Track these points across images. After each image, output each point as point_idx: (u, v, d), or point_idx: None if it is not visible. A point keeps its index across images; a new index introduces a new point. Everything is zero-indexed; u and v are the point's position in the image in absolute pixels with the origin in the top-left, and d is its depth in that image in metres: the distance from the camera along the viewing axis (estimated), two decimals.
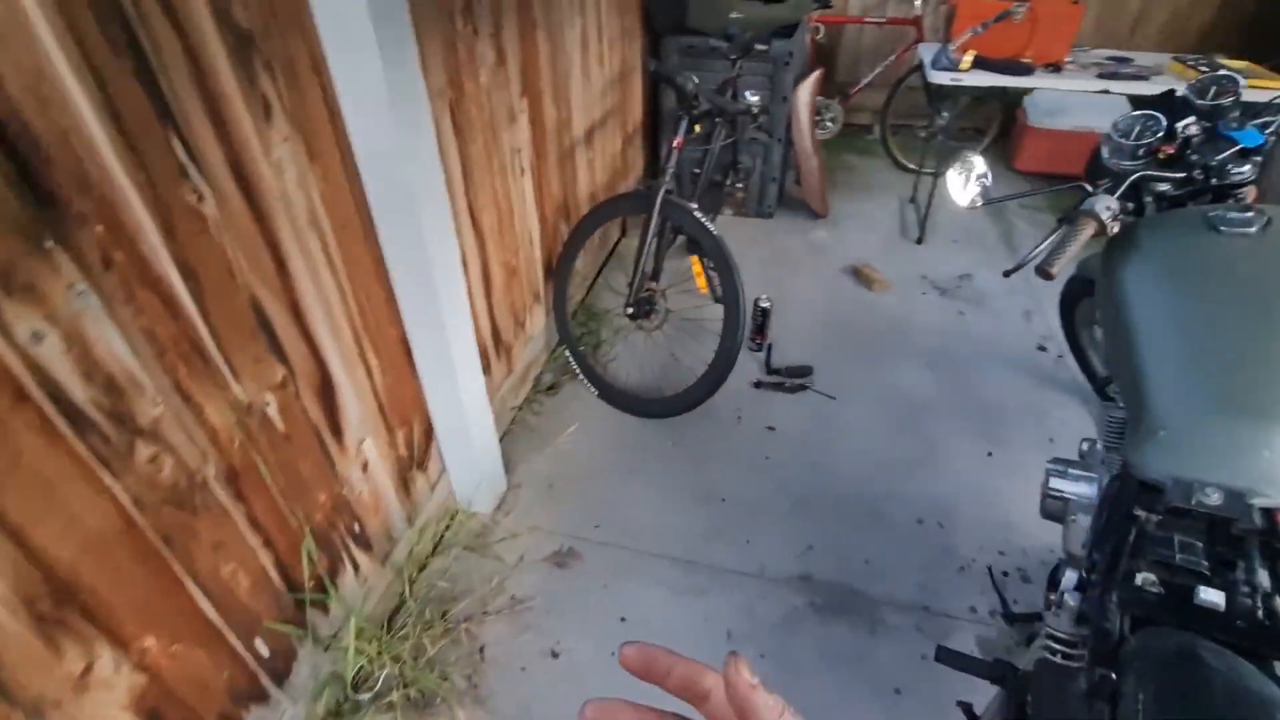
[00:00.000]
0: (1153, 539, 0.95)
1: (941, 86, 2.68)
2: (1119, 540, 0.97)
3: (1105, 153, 1.30)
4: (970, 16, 2.65)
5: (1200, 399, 0.97)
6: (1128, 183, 1.21)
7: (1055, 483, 1.36)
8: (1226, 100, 1.23)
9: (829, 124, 3.89)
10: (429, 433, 1.69)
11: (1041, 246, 1.35)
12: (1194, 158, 1.22)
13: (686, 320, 2.30)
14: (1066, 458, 1.42)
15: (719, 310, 1.96)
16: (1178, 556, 0.92)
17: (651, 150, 3.40)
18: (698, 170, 2.36)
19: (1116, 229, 1.14)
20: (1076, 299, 2.00)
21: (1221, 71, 1.26)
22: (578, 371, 2.28)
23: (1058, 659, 0.96)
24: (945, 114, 3.22)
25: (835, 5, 3.74)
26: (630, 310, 2.09)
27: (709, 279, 2.04)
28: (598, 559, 1.75)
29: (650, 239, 1.98)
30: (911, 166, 3.69)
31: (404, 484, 1.60)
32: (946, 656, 1.19)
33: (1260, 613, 0.84)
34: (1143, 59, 2.68)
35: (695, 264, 2.07)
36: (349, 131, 1.20)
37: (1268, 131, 1.19)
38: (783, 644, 1.56)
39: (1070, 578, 1.28)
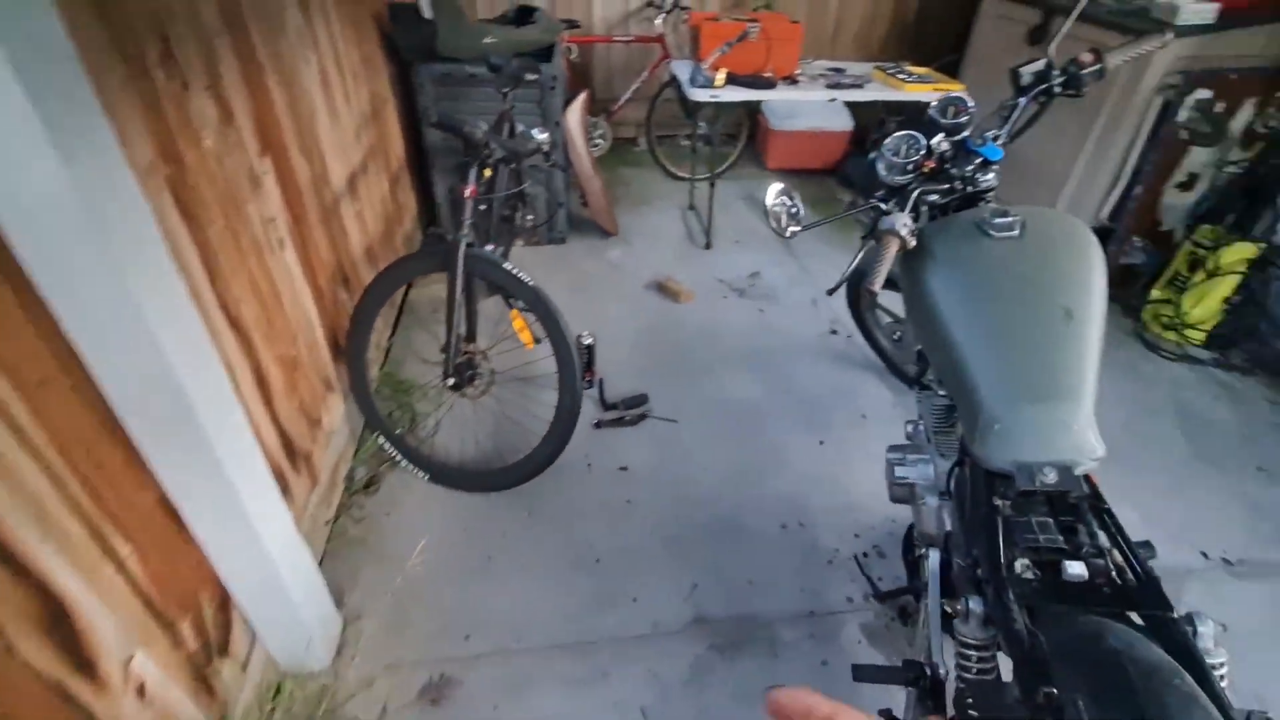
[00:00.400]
0: (1015, 525, 1.04)
1: (699, 101, 2.82)
2: (990, 534, 1.04)
3: (882, 169, 1.41)
4: (712, 37, 2.82)
5: (1019, 391, 1.08)
6: (913, 199, 1.33)
7: (900, 471, 1.47)
8: (962, 119, 1.41)
9: (600, 141, 3.92)
10: (225, 603, 1.30)
11: (854, 265, 1.44)
12: (953, 170, 1.38)
13: (516, 380, 2.12)
14: (900, 444, 1.55)
15: (549, 361, 1.82)
16: (1041, 538, 1.01)
17: (422, 186, 3.10)
18: (484, 207, 2.18)
19: (914, 242, 1.23)
20: (860, 291, 2.23)
21: (954, 94, 1.44)
22: (398, 457, 1.97)
23: (974, 663, 1.01)
24: (703, 124, 3.42)
25: (582, 25, 3.76)
26: (451, 381, 1.85)
27: (532, 330, 1.88)
28: (479, 678, 1.52)
29: (458, 299, 1.76)
30: (683, 175, 3.89)
31: (204, 684, 1.21)
32: (864, 674, 1.21)
33: (1113, 572, 0.96)
34: (853, 69, 3.11)
35: (515, 319, 1.90)
36: (19, 253, 0.83)
37: (999, 144, 1.39)
38: (696, 702, 1.50)
39: (934, 557, 1.40)
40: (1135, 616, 0.91)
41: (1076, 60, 1.34)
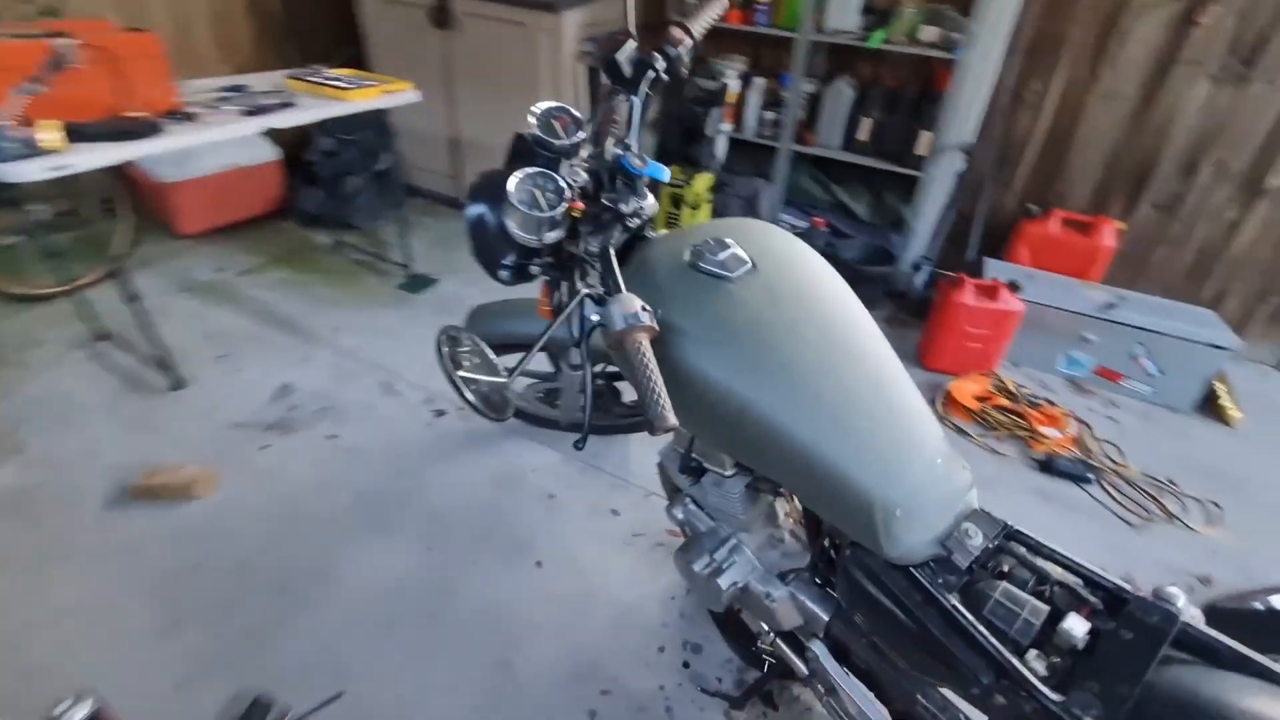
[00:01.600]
0: (988, 618, 0.81)
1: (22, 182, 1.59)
2: (979, 649, 0.80)
3: (519, 230, 0.93)
4: None
5: (888, 459, 0.87)
6: (611, 262, 0.90)
7: (724, 580, 1.17)
8: (579, 135, 1.03)
9: None
10: None
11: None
12: (621, 206, 1.00)
13: None
14: (686, 544, 1.21)
15: None
16: (1022, 613, 0.81)
17: None
18: None
19: (656, 325, 0.81)
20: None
21: (552, 104, 1.02)
22: None
23: None
24: (36, 205, 2.08)
25: None
26: None
27: None
28: None
29: None
30: (48, 290, 2.38)
31: None
32: None
33: (1096, 603, 0.81)
34: (257, 83, 2.26)
35: None
36: None
37: (638, 151, 1.05)
38: None
39: (822, 653, 1.15)
40: None
41: (670, 39, 1.09)
